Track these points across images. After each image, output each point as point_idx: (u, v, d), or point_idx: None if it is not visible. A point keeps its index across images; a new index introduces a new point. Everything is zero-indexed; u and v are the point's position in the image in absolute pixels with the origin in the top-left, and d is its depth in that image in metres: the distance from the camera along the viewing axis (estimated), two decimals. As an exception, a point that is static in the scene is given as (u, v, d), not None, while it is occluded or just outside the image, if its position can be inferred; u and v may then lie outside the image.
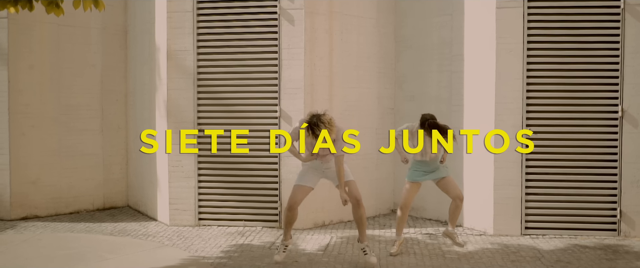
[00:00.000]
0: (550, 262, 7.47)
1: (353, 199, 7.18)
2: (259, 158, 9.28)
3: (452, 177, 7.76)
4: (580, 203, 8.76)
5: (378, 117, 10.14)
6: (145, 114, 10.13)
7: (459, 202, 7.67)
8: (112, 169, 10.88)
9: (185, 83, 9.33)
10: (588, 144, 8.73)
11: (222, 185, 9.42)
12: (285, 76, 9.09)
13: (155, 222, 9.77)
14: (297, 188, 7.26)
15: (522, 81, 8.68)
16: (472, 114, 9.14)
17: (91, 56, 10.57)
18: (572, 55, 8.69)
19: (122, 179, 11.03)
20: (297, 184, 7.30)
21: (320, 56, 9.25)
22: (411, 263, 7.47)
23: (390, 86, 10.29)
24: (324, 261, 7.53)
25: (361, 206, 7.18)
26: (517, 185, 8.75)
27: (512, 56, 8.67)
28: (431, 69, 9.82)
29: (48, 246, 8.25)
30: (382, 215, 10.17)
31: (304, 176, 7.33)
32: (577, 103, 8.73)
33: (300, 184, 7.27)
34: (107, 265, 7.30)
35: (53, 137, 10.28)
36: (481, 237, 8.71)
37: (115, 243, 8.42)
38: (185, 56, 9.29)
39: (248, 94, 9.27)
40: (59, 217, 10.21)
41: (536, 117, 8.75)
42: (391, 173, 10.26)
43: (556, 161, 8.77)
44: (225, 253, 7.91)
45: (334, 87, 9.44)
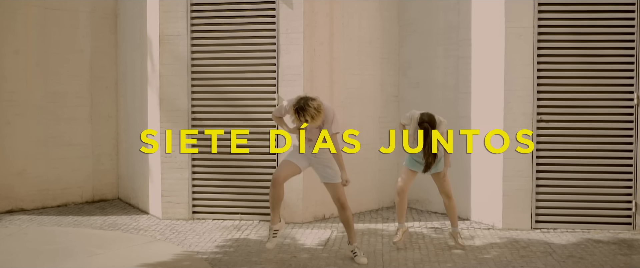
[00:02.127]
0: (562, 258, 7.43)
1: (337, 202, 7.19)
2: (256, 148, 9.25)
3: (447, 173, 7.70)
4: (594, 195, 8.71)
5: (381, 105, 10.10)
6: (137, 102, 10.08)
7: (446, 200, 7.72)
8: (101, 160, 10.82)
9: (178, 69, 9.28)
10: (602, 134, 8.67)
11: (217, 176, 9.39)
12: (283, 61, 9.04)
13: (147, 216, 9.75)
14: (284, 163, 7.22)
15: (532, 67, 8.63)
16: (480, 102, 9.09)
17: (79, 40, 10.52)
18: (585, 40, 8.63)
19: (112, 170, 10.98)
20: (285, 159, 7.26)
21: (321, 40, 9.20)
22: (416, 258, 7.42)
23: (394, 73, 10.24)
24: (324, 256, 7.48)
25: (346, 208, 7.21)
26: (527, 176, 8.70)
27: (522, 41, 8.62)
28: (437, 54, 9.77)
29: (34, 240, 8.22)
30: (385, 207, 10.14)
31: (293, 154, 7.28)
32: (590, 90, 8.67)
33: (288, 159, 7.23)
34: (96, 261, 7.26)
35: (39, 126, 10.23)
36: (489, 231, 8.67)
37: (105, 237, 8.39)
38: (179, 40, 9.25)
39: (244, 81, 9.23)
40: (45, 210, 10.19)
41: (547, 105, 8.69)
42: (394, 164, 10.20)
43: (568, 152, 8.72)
44: (220, 248, 7.87)
45: (334, 74, 9.39)
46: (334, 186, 7.18)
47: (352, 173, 8.63)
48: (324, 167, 7.19)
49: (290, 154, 7.30)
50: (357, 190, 9.42)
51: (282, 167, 7.19)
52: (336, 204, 7.21)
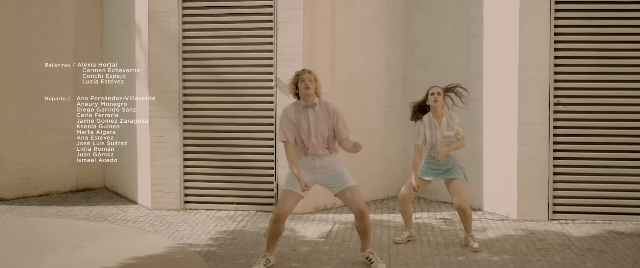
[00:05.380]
0: (581, 251, 7.39)
1: (356, 210, 6.74)
2: (252, 133, 9.23)
3: (463, 182, 7.49)
4: (615, 184, 8.68)
5: (386, 87, 10.06)
6: (125, 83, 10.01)
7: (460, 213, 7.44)
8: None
9: (169, 48, 9.25)
10: (624, 118, 8.64)
11: (210, 163, 9.38)
12: (281, 40, 9.00)
13: (135, 206, 9.76)
14: (286, 194, 6.79)
15: (549, 46, 8.59)
16: (493, 84, 9.07)
17: (63, 18, 10.48)
18: (606, 17, 8.59)
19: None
20: (285, 188, 6.87)
21: (322, 18, 9.16)
22: (425, 251, 7.39)
23: (400, 52, 10.20)
24: (325, 249, 7.46)
25: (366, 217, 6.76)
26: (544, 163, 8.67)
27: (538, 18, 8.57)
28: (446, 33, 9.74)
29: (14, 232, 8.24)
30: (391, 197, 10.12)
31: (293, 179, 6.85)
32: (611, 71, 8.64)
33: (288, 189, 6.83)
34: (81, 254, 7.23)
35: (20, 109, 10.21)
36: (503, 223, 8.65)
37: (90, 229, 8.38)
38: (169, 17, 9.22)
39: (240, 61, 9.22)
40: (26, 200, 10.20)
41: (565, 87, 8.66)
42: (401, 151, 10.17)
43: (588, 137, 8.68)
44: (214, 240, 7.86)
45: (336, 54, 9.35)
46: (350, 192, 6.78)
47: (356, 160, 8.60)
48: (332, 174, 6.86)
49: (288, 183, 6.88)
50: (361, 178, 9.35)
51: (284, 201, 6.77)
52: (355, 213, 6.73)
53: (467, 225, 7.54)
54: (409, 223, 7.76)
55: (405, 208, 7.67)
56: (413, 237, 7.81)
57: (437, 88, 7.46)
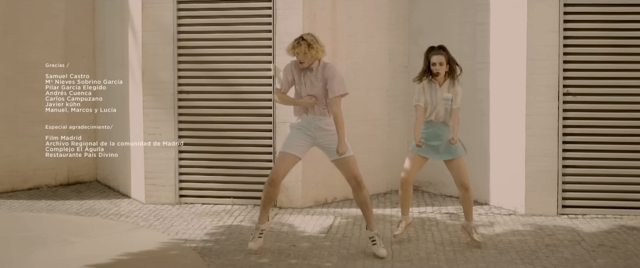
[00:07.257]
0: (591, 247, 7.39)
1: (352, 180, 6.93)
2: (249, 124, 9.23)
3: (464, 161, 7.45)
4: (627, 178, 8.67)
5: (389, 76, 10.05)
6: (117, 72, 10.04)
7: (463, 191, 7.42)
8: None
9: (162, 37, 9.24)
10: (637, 109, 8.62)
11: (206, 156, 9.38)
12: (280, 28, 8.99)
13: (128, 200, 9.77)
14: (281, 156, 7.00)
15: (558, 34, 8.57)
16: (500, 73, 9.05)
17: (53, 5, 10.47)
18: (618, 3, 8.56)
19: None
20: (282, 151, 7.05)
21: (322, 5, 9.15)
22: (429, 247, 7.37)
23: (404, 40, 10.20)
24: (326, 245, 7.45)
25: (363, 187, 6.94)
26: (553, 155, 8.66)
27: (547, 5, 8.56)
28: (452, 20, 9.72)
29: (3, 227, 8.25)
30: (394, 190, 10.11)
31: (290, 140, 7.04)
32: (623, 60, 8.61)
33: (285, 151, 7.00)
34: (72, 250, 7.24)
35: (8, 100, 10.22)
36: (510, 217, 8.64)
37: (81, 224, 8.39)
38: (163, 4, 9.21)
39: (237, 49, 9.21)
40: (15, 194, 10.21)
41: (575, 76, 8.65)
42: (405, 142, 10.16)
43: (599, 128, 8.67)
44: (210, 235, 7.86)
45: (337, 42, 9.34)
46: (346, 162, 6.96)
47: (357, 152, 8.51)
48: (333, 139, 6.95)
49: (286, 145, 7.05)
50: (364, 171, 9.20)
51: (279, 163, 6.95)
52: (351, 183, 6.96)
53: (468, 209, 7.47)
54: (406, 210, 7.65)
55: (406, 192, 7.53)
56: (411, 223, 7.75)
57: (439, 57, 7.36)
